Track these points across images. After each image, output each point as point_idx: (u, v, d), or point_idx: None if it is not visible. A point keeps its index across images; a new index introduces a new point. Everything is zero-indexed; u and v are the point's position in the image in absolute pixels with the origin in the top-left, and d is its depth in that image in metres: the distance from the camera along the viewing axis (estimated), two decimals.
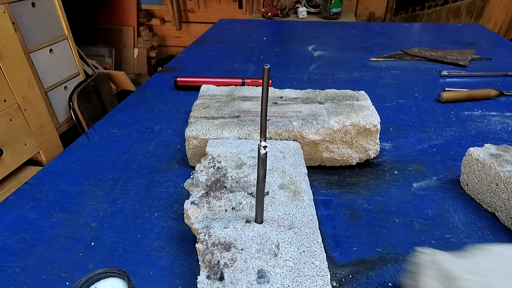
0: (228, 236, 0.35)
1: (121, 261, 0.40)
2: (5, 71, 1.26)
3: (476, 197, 0.48)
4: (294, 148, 0.49)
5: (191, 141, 0.51)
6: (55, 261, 0.40)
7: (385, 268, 0.39)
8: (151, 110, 0.72)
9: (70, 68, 1.70)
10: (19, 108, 1.33)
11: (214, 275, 0.32)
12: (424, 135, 0.62)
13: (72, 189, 0.51)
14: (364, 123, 0.50)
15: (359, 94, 0.59)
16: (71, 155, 0.59)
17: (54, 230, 0.44)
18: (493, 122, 0.66)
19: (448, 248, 0.41)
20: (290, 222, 0.37)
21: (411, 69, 0.91)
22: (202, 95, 0.61)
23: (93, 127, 0.66)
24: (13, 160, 1.32)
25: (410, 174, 0.53)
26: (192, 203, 0.39)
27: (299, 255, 0.33)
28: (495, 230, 0.43)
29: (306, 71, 0.91)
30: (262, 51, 1.06)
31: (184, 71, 0.93)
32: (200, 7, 2.43)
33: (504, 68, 0.88)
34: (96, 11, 2.41)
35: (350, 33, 1.23)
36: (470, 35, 1.17)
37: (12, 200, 0.49)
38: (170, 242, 0.42)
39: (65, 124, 1.70)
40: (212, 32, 1.27)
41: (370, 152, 0.53)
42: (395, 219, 0.45)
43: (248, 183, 0.42)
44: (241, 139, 0.50)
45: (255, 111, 0.55)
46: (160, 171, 0.54)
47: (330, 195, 0.49)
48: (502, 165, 0.43)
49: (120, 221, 0.45)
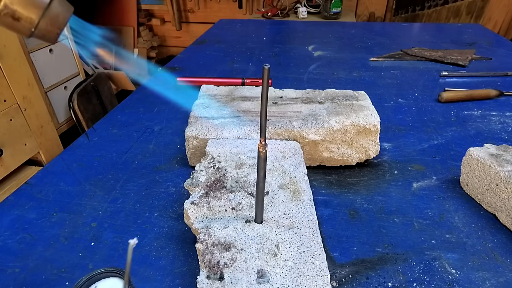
0: (228, 236, 0.35)
1: (121, 261, 0.40)
2: (5, 71, 1.26)
3: (476, 197, 0.48)
4: (294, 148, 0.49)
5: (191, 141, 0.51)
6: (55, 261, 0.40)
7: (385, 268, 0.39)
8: (151, 110, 0.72)
9: (70, 68, 1.70)
10: (19, 108, 1.33)
11: (214, 275, 0.32)
12: (424, 135, 0.62)
13: (72, 189, 0.51)
14: (364, 123, 0.50)
15: (359, 94, 0.59)
16: (71, 155, 0.59)
17: (54, 230, 0.44)
18: (493, 122, 0.66)
19: (448, 248, 0.41)
20: (290, 222, 0.37)
21: (411, 69, 0.91)
22: (202, 95, 0.61)
23: (93, 127, 0.66)
24: (13, 160, 1.32)
25: (410, 174, 0.53)
26: (192, 203, 0.39)
27: (299, 255, 0.33)
28: (495, 230, 0.43)
29: (306, 71, 0.91)
30: (262, 51, 1.06)
31: (184, 71, 0.93)
32: (200, 7, 2.43)
33: (504, 68, 0.88)
34: (96, 11, 2.41)
35: (350, 33, 1.22)
36: (470, 35, 1.17)
37: (12, 200, 0.49)
38: (170, 242, 0.42)
39: (65, 124, 1.70)
40: (212, 32, 1.27)
41: (370, 152, 0.53)
42: (395, 219, 0.45)
43: (248, 183, 0.42)
44: (241, 139, 0.50)
45: (255, 111, 0.55)
46: (160, 171, 0.54)
47: (330, 195, 0.49)
48: (502, 165, 0.43)
49: (120, 221, 0.45)
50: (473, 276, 0.38)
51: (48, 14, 0.27)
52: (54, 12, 0.27)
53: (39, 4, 0.26)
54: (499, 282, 0.37)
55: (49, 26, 0.27)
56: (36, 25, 0.27)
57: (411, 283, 0.37)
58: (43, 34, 0.27)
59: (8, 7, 0.25)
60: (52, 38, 0.28)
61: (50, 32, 0.28)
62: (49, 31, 0.28)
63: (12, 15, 0.26)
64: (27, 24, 0.26)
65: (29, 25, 0.26)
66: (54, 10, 0.27)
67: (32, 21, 0.26)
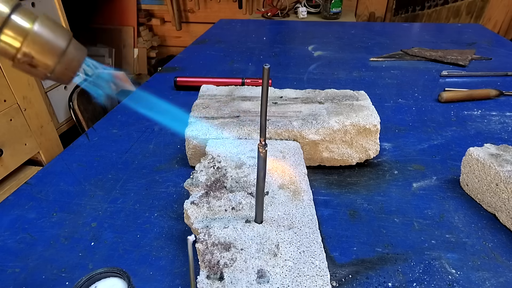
0: (228, 236, 0.35)
1: (121, 261, 0.40)
2: (5, 71, 1.26)
3: (476, 197, 0.48)
4: (294, 148, 0.49)
5: (191, 141, 0.51)
6: (55, 261, 0.40)
7: (385, 268, 0.39)
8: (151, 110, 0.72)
9: None
10: (19, 108, 1.33)
11: (214, 275, 0.32)
12: (424, 135, 0.62)
13: (72, 189, 0.51)
14: (364, 123, 0.50)
15: (359, 94, 0.59)
16: (71, 155, 0.59)
17: (54, 230, 0.44)
18: (493, 122, 0.66)
19: (448, 248, 0.41)
20: (290, 222, 0.37)
21: (411, 69, 0.91)
22: (202, 95, 0.61)
23: (93, 127, 0.66)
24: (13, 160, 1.32)
25: (410, 174, 0.53)
26: (192, 203, 0.39)
27: (299, 255, 0.33)
28: (495, 230, 0.43)
29: (306, 71, 0.91)
30: (262, 51, 1.06)
31: (184, 71, 0.93)
32: (200, 7, 2.43)
33: (504, 68, 0.88)
34: (96, 11, 2.41)
35: (350, 33, 1.22)
36: (470, 35, 1.17)
37: (12, 200, 0.49)
38: (170, 242, 0.42)
39: (65, 124, 1.70)
40: (212, 32, 1.27)
41: (370, 152, 0.53)
42: (395, 219, 0.45)
43: (248, 183, 0.42)
44: (241, 139, 0.50)
45: (255, 111, 0.55)
46: (160, 171, 0.54)
47: (330, 195, 0.49)
48: (502, 165, 0.43)
49: (120, 221, 0.45)
50: (473, 276, 0.38)
51: (64, 59, 0.27)
52: (69, 57, 0.27)
53: (56, 51, 0.27)
54: (499, 282, 0.37)
55: (64, 70, 0.27)
56: (52, 71, 0.27)
57: (411, 283, 0.37)
58: (58, 77, 0.28)
59: (27, 55, 0.26)
60: (66, 81, 0.29)
61: (65, 76, 0.28)
62: (65, 74, 0.28)
63: (29, 62, 0.26)
64: (43, 70, 0.27)
65: (45, 71, 0.27)
66: (69, 55, 0.27)
67: (49, 67, 0.27)
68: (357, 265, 0.39)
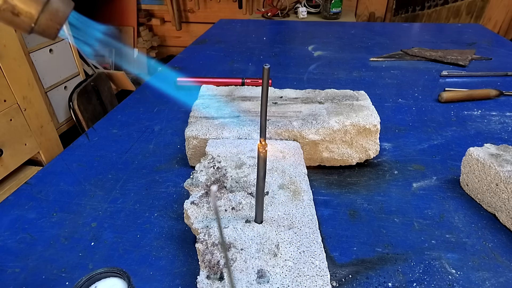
0: (228, 236, 0.35)
1: (121, 261, 0.40)
2: (5, 71, 1.26)
3: (476, 197, 0.48)
4: (294, 148, 0.49)
5: (191, 141, 0.51)
6: (55, 261, 0.40)
7: (385, 268, 0.39)
8: (151, 110, 0.72)
9: (70, 68, 1.70)
10: (19, 108, 1.33)
11: (214, 275, 0.32)
12: (424, 135, 0.62)
13: (72, 189, 0.51)
14: (364, 123, 0.50)
15: (359, 94, 0.59)
16: (71, 155, 0.59)
17: (54, 230, 0.44)
18: (493, 122, 0.66)
19: (448, 248, 0.41)
20: (290, 222, 0.37)
21: (411, 69, 0.91)
22: (202, 95, 0.61)
23: (93, 127, 0.66)
24: (13, 160, 1.32)
25: (410, 174, 0.53)
26: (192, 203, 0.39)
27: (299, 255, 0.33)
28: (495, 230, 0.43)
29: (306, 71, 0.91)
30: (262, 51, 1.06)
31: (184, 71, 0.93)
32: (200, 7, 2.43)
33: (504, 68, 0.88)
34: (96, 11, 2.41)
35: (350, 33, 1.22)
36: (470, 35, 1.17)
37: (12, 200, 0.49)
38: (170, 242, 0.42)
39: (65, 124, 1.70)
40: (212, 32, 1.27)
41: (370, 152, 0.53)
42: (395, 219, 0.45)
43: (248, 183, 0.42)
44: (241, 139, 0.50)
45: (255, 111, 0.55)
46: (160, 171, 0.54)
47: (330, 195, 0.49)
48: (502, 165, 0.43)
49: (120, 221, 0.45)
50: (473, 276, 0.38)
51: (48, 9, 0.26)
52: (54, 7, 0.27)
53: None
54: (499, 282, 0.37)
55: (49, 21, 0.27)
56: (36, 20, 0.26)
57: (411, 283, 0.37)
58: (43, 29, 0.27)
59: (8, 2, 0.25)
60: (52, 34, 0.28)
61: (50, 28, 0.27)
62: (49, 26, 0.27)
63: (11, 10, 0.25)
64: (26, 20, 0.26)
65: (29, 20, 0.26)
66: (54, 5, 0.27)
67: (32, 16, 0.26)
68: (357, 265, 0.39)
